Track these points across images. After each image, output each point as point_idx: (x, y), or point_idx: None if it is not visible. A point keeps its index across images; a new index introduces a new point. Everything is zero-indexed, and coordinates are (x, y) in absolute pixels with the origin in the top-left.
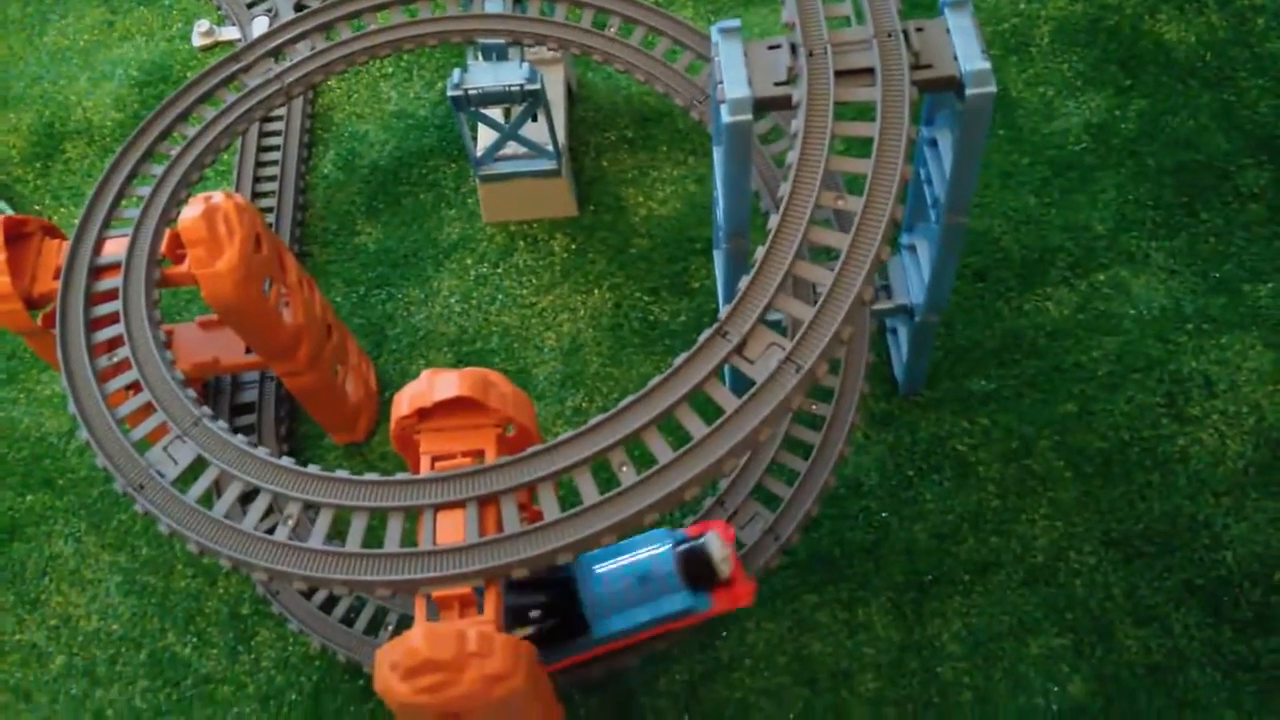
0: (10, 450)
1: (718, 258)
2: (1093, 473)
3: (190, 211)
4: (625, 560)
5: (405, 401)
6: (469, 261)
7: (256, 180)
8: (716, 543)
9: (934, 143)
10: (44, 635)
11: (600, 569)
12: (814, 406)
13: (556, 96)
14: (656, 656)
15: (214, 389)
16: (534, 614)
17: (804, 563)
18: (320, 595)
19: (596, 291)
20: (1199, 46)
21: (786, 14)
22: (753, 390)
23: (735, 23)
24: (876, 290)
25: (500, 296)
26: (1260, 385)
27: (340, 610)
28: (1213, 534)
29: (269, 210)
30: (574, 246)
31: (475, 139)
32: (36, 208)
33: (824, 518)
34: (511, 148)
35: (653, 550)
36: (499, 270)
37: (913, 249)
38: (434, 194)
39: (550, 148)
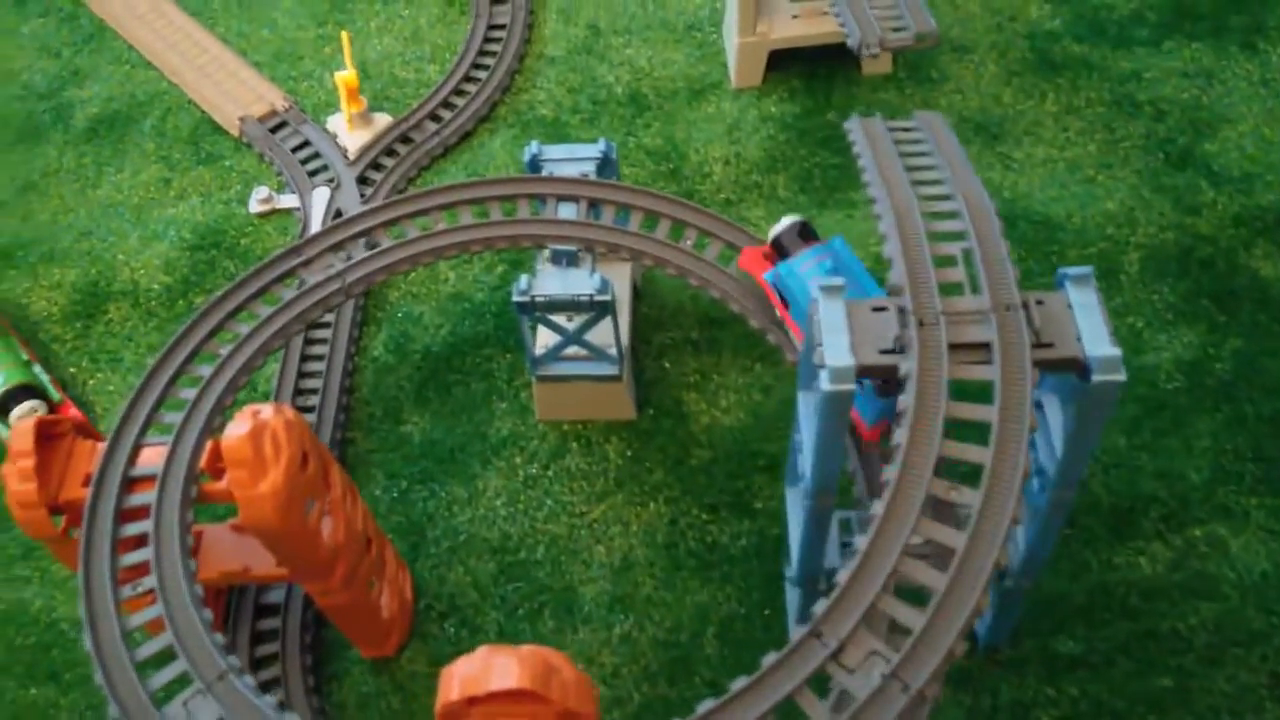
0: (18, 635)
1: (792, 495)
2: None
3: (236, 429)
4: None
5: (456, 685)
6: (518, 460)
7: (304, 359)
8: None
9: (1038, 405)
10: None
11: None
12: None
13: (623, 295)
14: None
15: (240, 586)
16: None
17: None
18: None
19: (652, 504)
20: None
21: (894, 276)
22: (851, 710)
23: (839, 280)
24: None
25: (549, 502)
26: None
27: None
28: None
29: (314, 392)
30: (629, 453)
31: (534, 336)
32: (71, 370)
33: None
34: (572, 350)
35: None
36: (549, 473)
37: None
38: (486, 385)
39: (613, 352)
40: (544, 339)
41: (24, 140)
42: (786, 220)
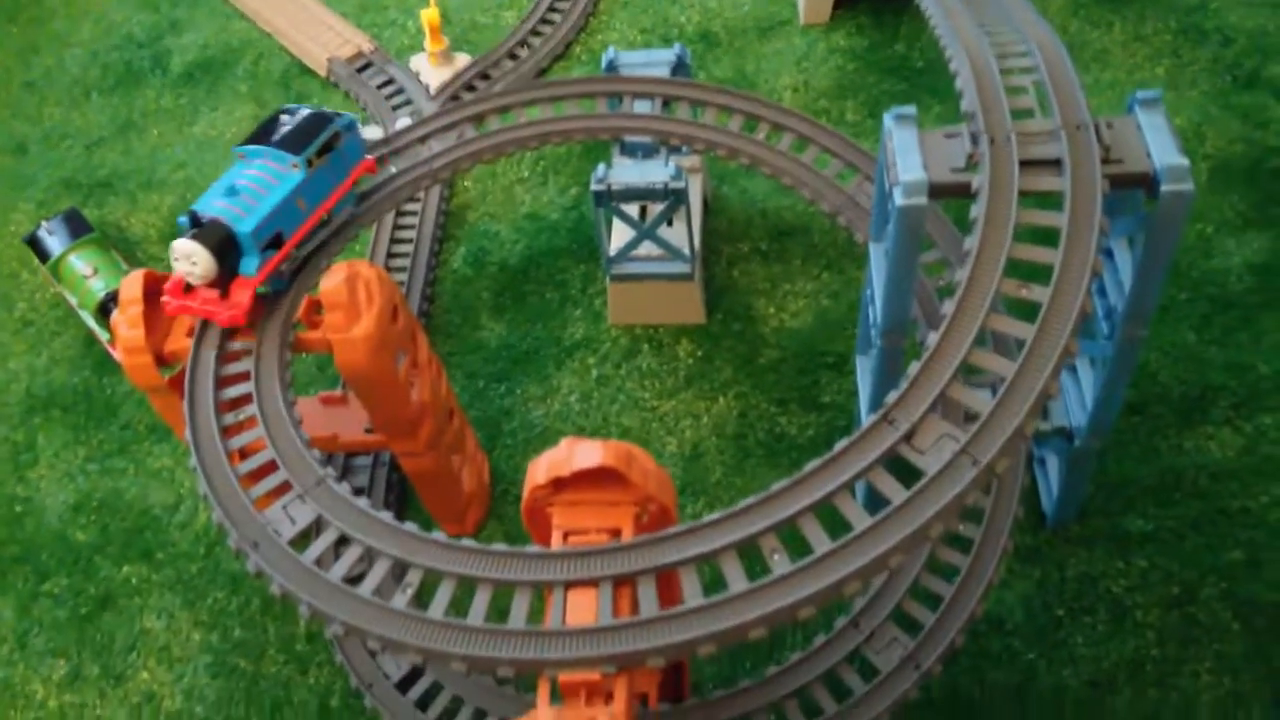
0: (113, 520)
1: (862, 364)
2: (1264, 627)
3: (333, 276)
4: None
5: (542, 469)
6: (591, 361)
7: (388, 271)
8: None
9: (1109, 253)
10: (125, 712)
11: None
12: (961, 527)
13: (694, 203)
14: None
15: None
16: None
17: (940, 702)
18: (416, 691)
19: (722, 399)
20: None
21: (966, 103)
22: (923, 481)
23: (911, 109)
24: None
25: (621, 398)
26: None
27: (437, 709)
28: None
29: None
30: (700, 353)
31: (609, 237)
32: None
33: (963, 654)
34: (645, 249)
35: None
36: (621, 372)
37: (1073, 369)
38: (560, 294)
39: (686, 251)
40: (618, 240)
41: (123, 84)
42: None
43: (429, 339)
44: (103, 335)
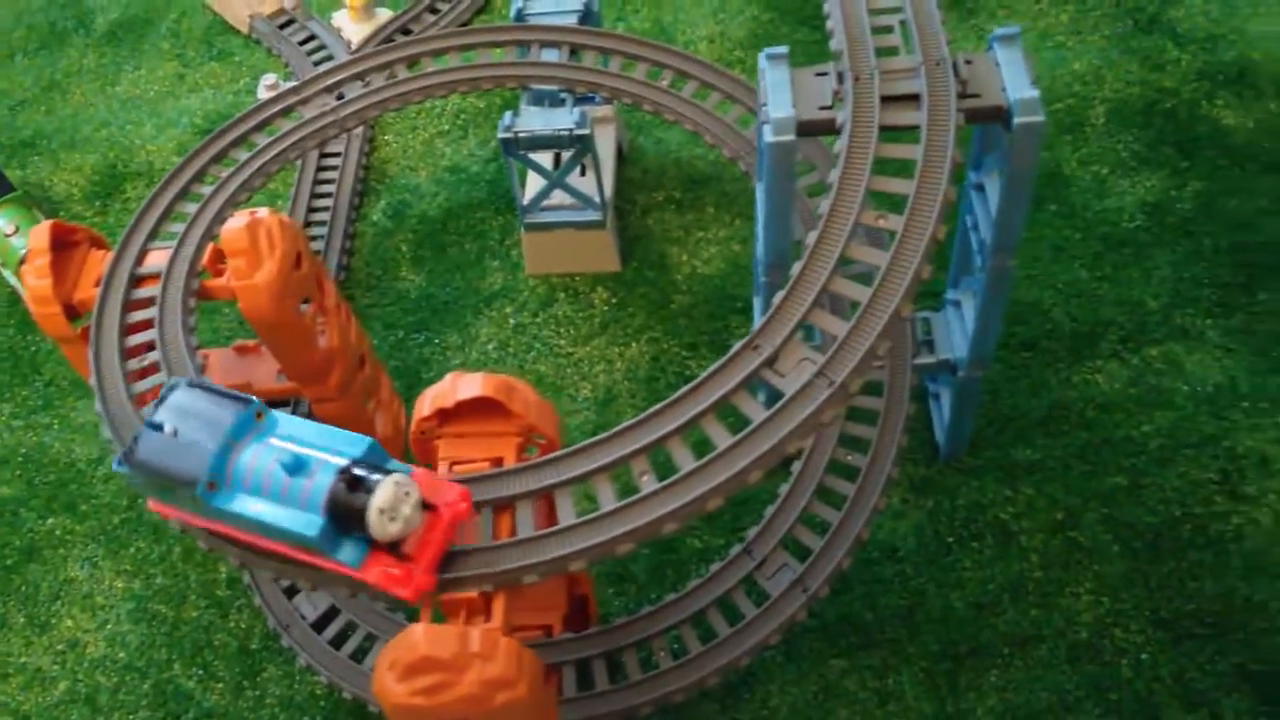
0: (38, 474)
1: (757, 304)
2: (1142, 548)
3: (234, 223)
4: (304, 441)
5: (427, 401)
6: (509, 310)
7: (307, 224)
8: (388, 491)
9: (981, 188)
10: (50, 659)
11: (275, 436)
12: (850, 457)
13: (606, 153)
14: (670, 711)
15: None
16: None
17: (833, 625)
18: (331, 630)
19: (634, 345)
20: (1258, 132)
21: (834, 42)
22: (781, 402)
23: (783, 49)
24: (919, 345)
25: (538, 345)
26: None
27: (350, 647)
28: (1268, 617)
29: (316, 253)
30: (614, 300)
31: (524, 188)
32: None
33: (856, 581)
34: (558, 198)
35: (334, 453)
36: (538, 320)
37: (958, 305)
38: (479, 244)
39: (596, 199)
40: (532, 188)
41: (47, 45)
42: None
43: (348, 292)
44: (25, 293)
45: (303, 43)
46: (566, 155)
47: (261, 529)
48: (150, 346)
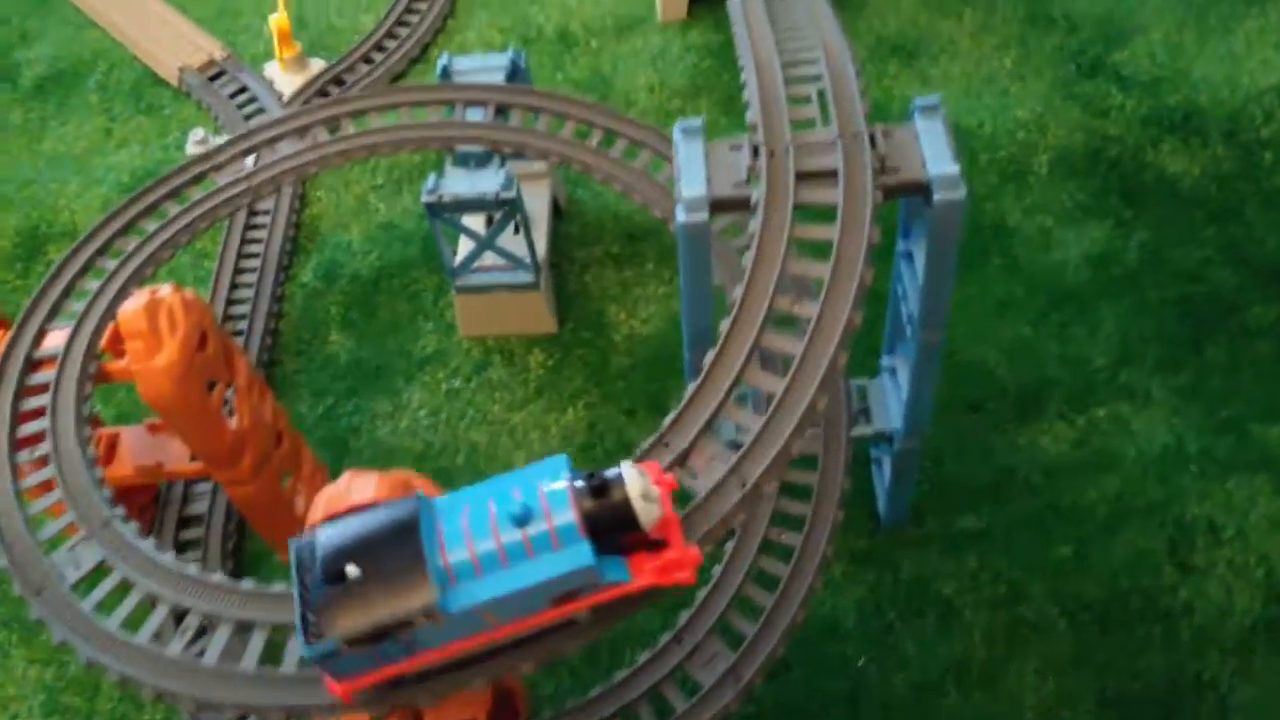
0: None
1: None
2: (1089, 622)
3: (132, 303)
4: (494, 495)
5: (321, 504)
6: (441, 375)
7: (234, 288)
8: (634, 475)
9: (910, 256)
10: None
11: (452, 513)
12: (783, 536)
13: (540, 211)
14: None
15: (165, 499)
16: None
17: (770, 713)
18: None
19: (571, 410)
20: (1204, 179)
21: (750, 114)
22: (692, 504)
23: (697, 121)
24: (855, 415)
25: (471, 412)
26: (1270, 533)
27: None
28: (1218, 696)
29: (243, 318)
30: (550, 363)
31: (455, 250)
32: (10, 309)
33: (796, 663)
34: (490, 259)
35: (545, 485)
36: (472, 385)
37: (893, 372)
38: (412, 305)
39: (528, 260)
40: (464, 250)
41: None
42: None
43: (275, 357)
44: None
45: (233, 95)
46: (498, 215)
47: (522, 597)
48: (39, 437)
